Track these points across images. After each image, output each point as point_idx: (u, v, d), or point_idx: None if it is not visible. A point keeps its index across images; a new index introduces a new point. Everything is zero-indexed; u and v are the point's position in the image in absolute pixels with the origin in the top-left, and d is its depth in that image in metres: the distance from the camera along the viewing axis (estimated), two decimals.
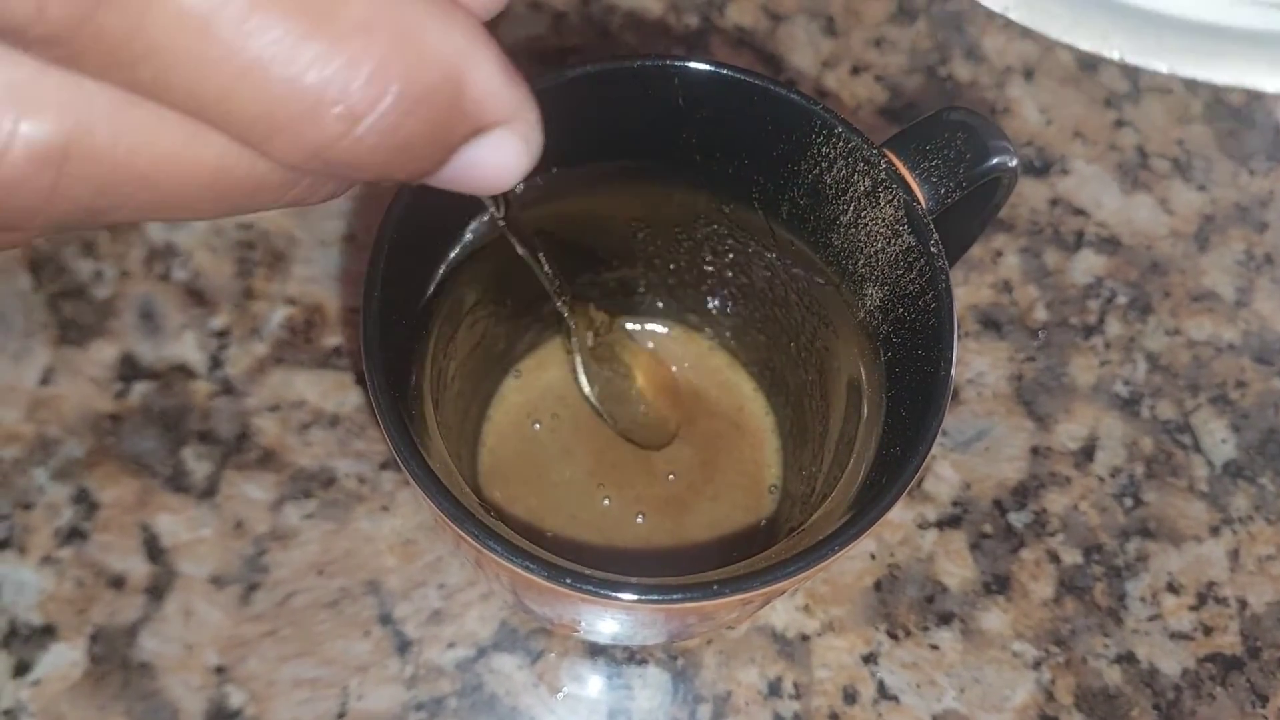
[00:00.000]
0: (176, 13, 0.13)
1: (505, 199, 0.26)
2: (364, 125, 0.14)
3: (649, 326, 0.39)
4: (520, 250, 0.29)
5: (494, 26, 0.47)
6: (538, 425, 0.38)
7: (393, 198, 0.27)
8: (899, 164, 0.29)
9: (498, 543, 0.23)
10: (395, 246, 0.27)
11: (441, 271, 0.31)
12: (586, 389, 0.36)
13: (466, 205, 0.30)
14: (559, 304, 0.32)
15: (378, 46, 0.14)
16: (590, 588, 0.23)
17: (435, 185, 0.17)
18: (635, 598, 0.23)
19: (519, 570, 0.23)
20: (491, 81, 0.16)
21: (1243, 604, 0.40)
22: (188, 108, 0.14)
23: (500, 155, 0.17)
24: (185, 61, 0.13)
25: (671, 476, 0.38)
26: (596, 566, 0.24)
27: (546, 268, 0.30)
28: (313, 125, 0.14)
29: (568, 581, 0.23)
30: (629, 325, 0.39)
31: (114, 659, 0.36)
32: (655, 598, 0.23)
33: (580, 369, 0.36)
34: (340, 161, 0.15)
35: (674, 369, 0.39)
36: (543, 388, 0.38)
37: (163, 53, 0.13)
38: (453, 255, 0.31)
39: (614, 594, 0.23)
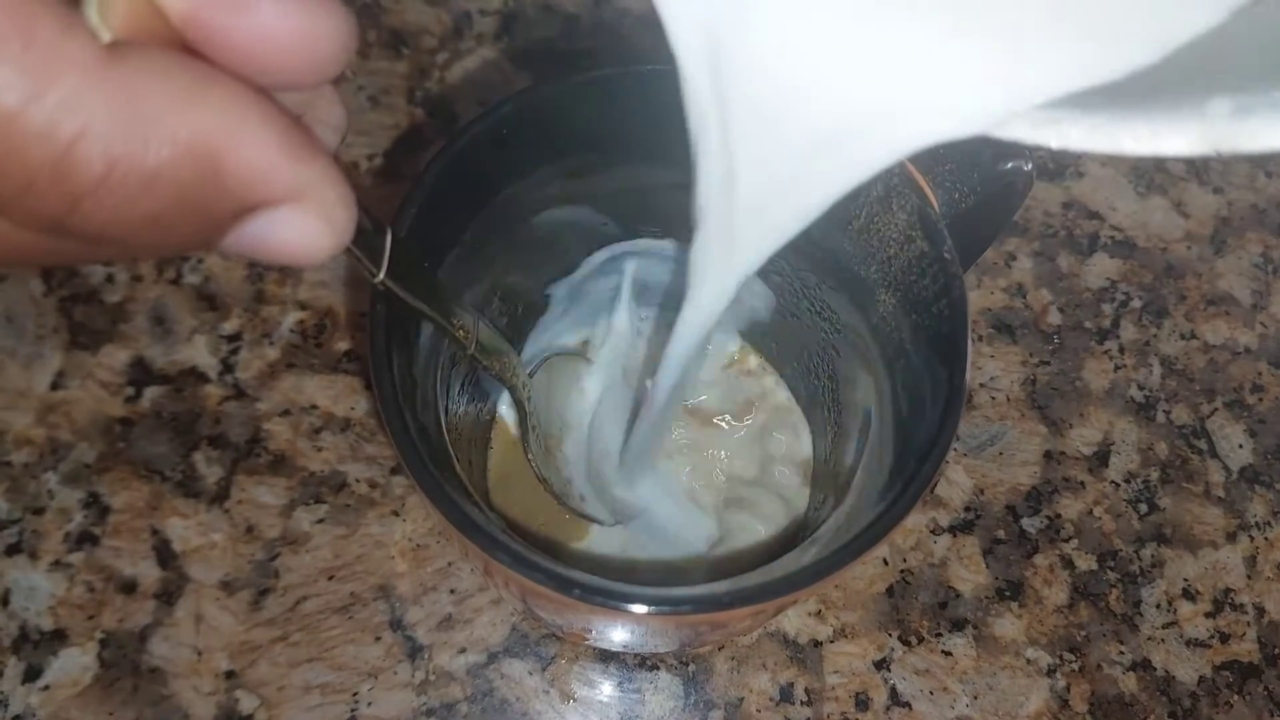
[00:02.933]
0: None
1: (379, 261, 0.24)
2: (91, 200, 0.14)
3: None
4: (428, 312, 0.27)
5: (507, 29, 0.47)
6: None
7: (400, 204, 0.27)
8: (912, 169, 0.29)
9: (505, 553, 0.23)
10: (406, 245, 0.27)
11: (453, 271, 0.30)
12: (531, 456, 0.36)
13: (474, 211, 0.30)
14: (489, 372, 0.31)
15: (101, 117, 0.13)
16: (600, 599, 0.23)
17: (229, 256, 0.17)
18: (645, 609, 0.23)
19: (527, 581, 0.23)
20: (261, 158, 0.15)
21: (1260, 611, 0.40)
22: None
23: (291, 233, 0.16)
24: None
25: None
26: (613, 575, 0.24)
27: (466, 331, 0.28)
28: (40, 195, 0.13)
29: (576, 592, 0.23)
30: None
31: (124, 664, 0.36)
32: (665, 609, 0.23)
33: (530, 437, 0.35)
34: (82, 234, 0.14)
35: None
36: None
37: None
38: (461, 260, 0.30)
39: (623, 605, 0.23)
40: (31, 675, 0.36)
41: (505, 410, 0.38)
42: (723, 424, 0.38)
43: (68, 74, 0.13)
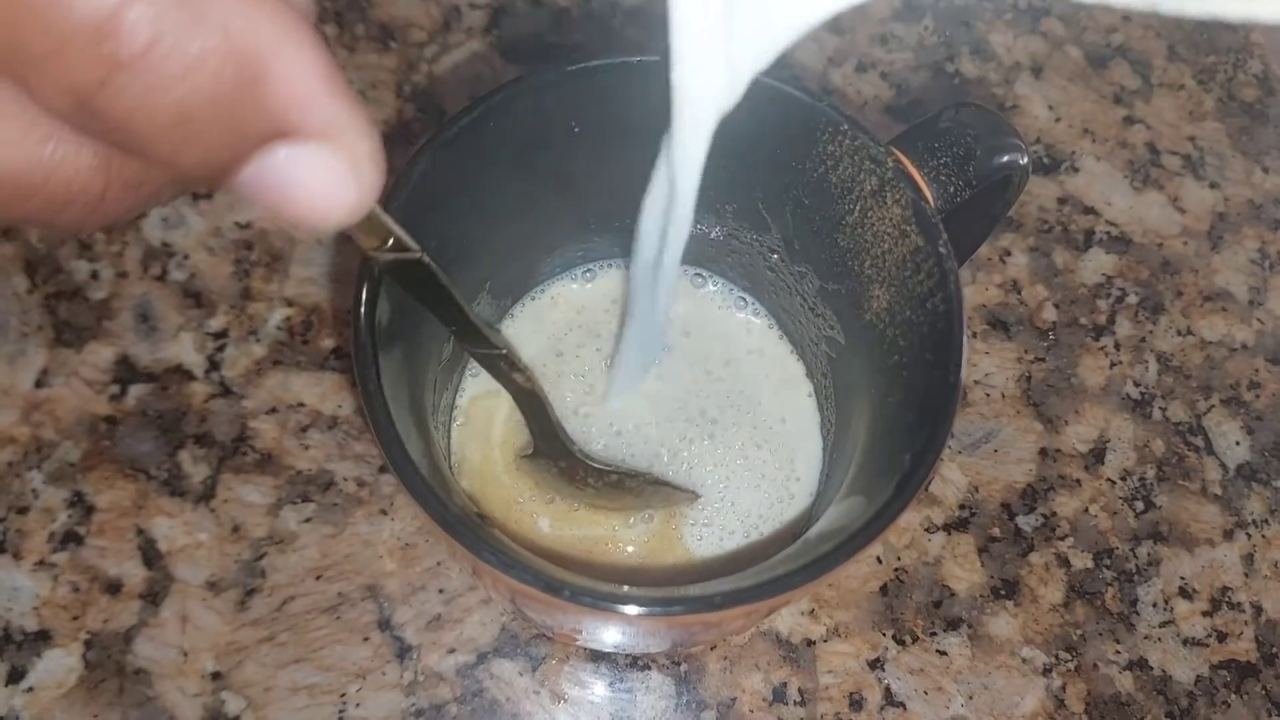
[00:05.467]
0: None
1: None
2: (127, 72, 0.13)
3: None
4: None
5: (496, 23, 0.46)
6: None
7: (385, 197, 0.27)
8: (907, 162, 0.28)
9: (492, 553, 0.23)
10: (376, 254, 0.26)
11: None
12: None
13: (461, 203, 0.30)
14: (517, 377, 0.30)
15: None
16: (589, 600, 0.22)
17: (247, 196, 0.15)
18: (636, 610, 0.23)
19: (515, 582, 0.23)
20: (304, 80, 0.14)
21: (1258, 609, 0.40)
22: None
23: (316, 175, 0.15)
24: None
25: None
26: (605, 574, 0.23)
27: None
28: (73, 58, 0.13)
29: (566, 594, 0.22)
30: None
31: (109, 665, 0.36)
32: (657, 610, 0.23)
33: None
34: (107, 117, 0.13)
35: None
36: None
37: None
38: (447, 252, 0.30)
39: (614, 607, 0.23)
40: (15, 677, 0.36)
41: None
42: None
43: None
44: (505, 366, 0.31)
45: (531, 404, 0.33)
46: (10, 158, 0.14)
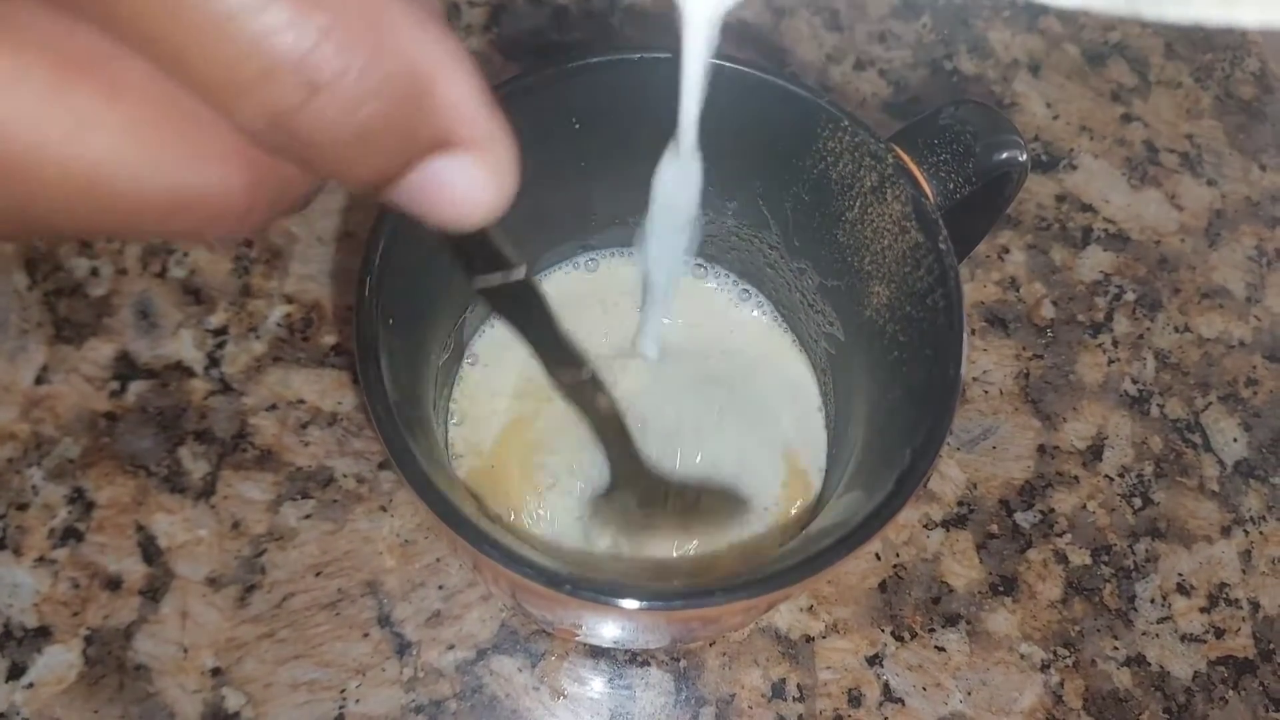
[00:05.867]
0: None
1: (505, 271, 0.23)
2: (326, 95, 0.14)
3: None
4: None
5: (496, 20, 0.47)
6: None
7: None
8: (906, 159, 0.28)
9: (494, 547, 0.23)
10: (391, 242, 0.26)
11: (440, 268, 0.30)
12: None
13: None
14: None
15: (347, 21, 0.14)
16: (590, 594, 0.22)
17: (397, 202, 0.17)
18: (636, 604, 0.23)
19: (516, 576, 0.23)
20: (463, 97, 0.16)
21: (1255, 606, 0.40)
22: (152, 52, 0.14)
23: (467, 181, 0.17)
24: (158, 4, 0.13)
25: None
26: (603, 570, 0.23)
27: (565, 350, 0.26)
28: (275, 86, 0.14)
29: (567, 588, 0.23)
30: None
31: (109, 661, 0.36)
32: (657, 604, 0.23)
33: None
34: (297, 135, 0.15)
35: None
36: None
37: None
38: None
39: (614, 600, 0.23)
40: (15, 673, 0.36)
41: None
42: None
43: None
44: (591, 391, 0.28)
45: (613, 429, 0.30)
46: (178, 176, 0.15)
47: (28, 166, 0.14)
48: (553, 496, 0.35)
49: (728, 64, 0.29)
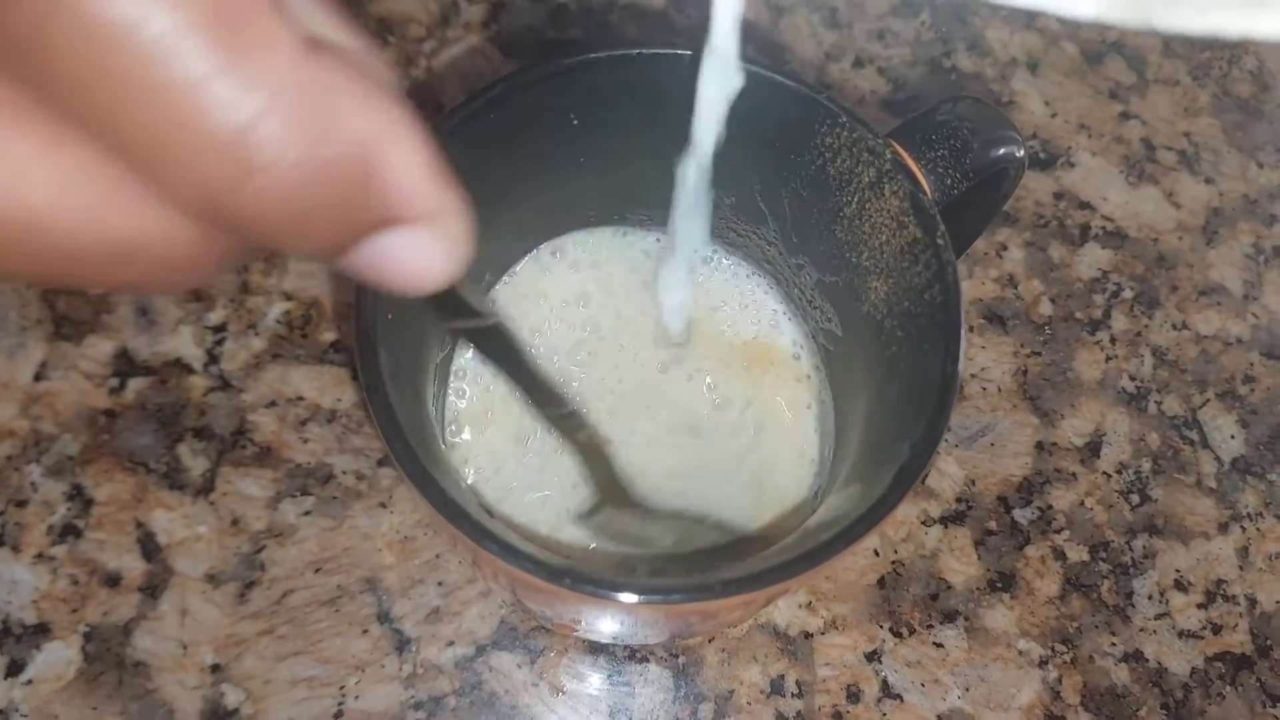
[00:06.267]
0: (91, 19, 0.12)
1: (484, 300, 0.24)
2: (262, 179, 0.14)
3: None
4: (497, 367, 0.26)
5: (494, 17, 0.47)
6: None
7: None
8: (904, 154, 0.28)
9: (494, 542, 0.23)
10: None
11: None
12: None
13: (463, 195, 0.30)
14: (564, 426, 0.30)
15: (290, 102, 0.14)
16: (590, 588, 0.23)
17: (347, 272, 0.17)
18: (636, 599, 0.23)
19: (516, 570, 0.23)
20: (409, 174, 0.15)
21: (1252, 602, 0.40)
22: (85, 118, 0.13)
23: (418, 253, 0.16)
24: (92, 70, 0.13)
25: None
26: (603, 565, 0.24)
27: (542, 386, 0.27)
28: (208, 168, 0.14)
29: (567, 582, 0.23)
30: None
31: (108, 658, 0.36)
32: (656, 599, 0.23)
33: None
34: (235, 216, 0.14)
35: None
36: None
37: (71, 56, 0.13)
38: None
39: (613, 594, 0.23)
40: (14, 670, 0.36)
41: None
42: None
43: (273, 52, 0.13)
44: (573, 424, 0.30)
45: (595, 458, 0.32)
46: (119, 227, 0.15)
47: None
48: (548, 491, 0.35)
49: None
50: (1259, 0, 0.14)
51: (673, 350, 0.37)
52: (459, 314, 0.22)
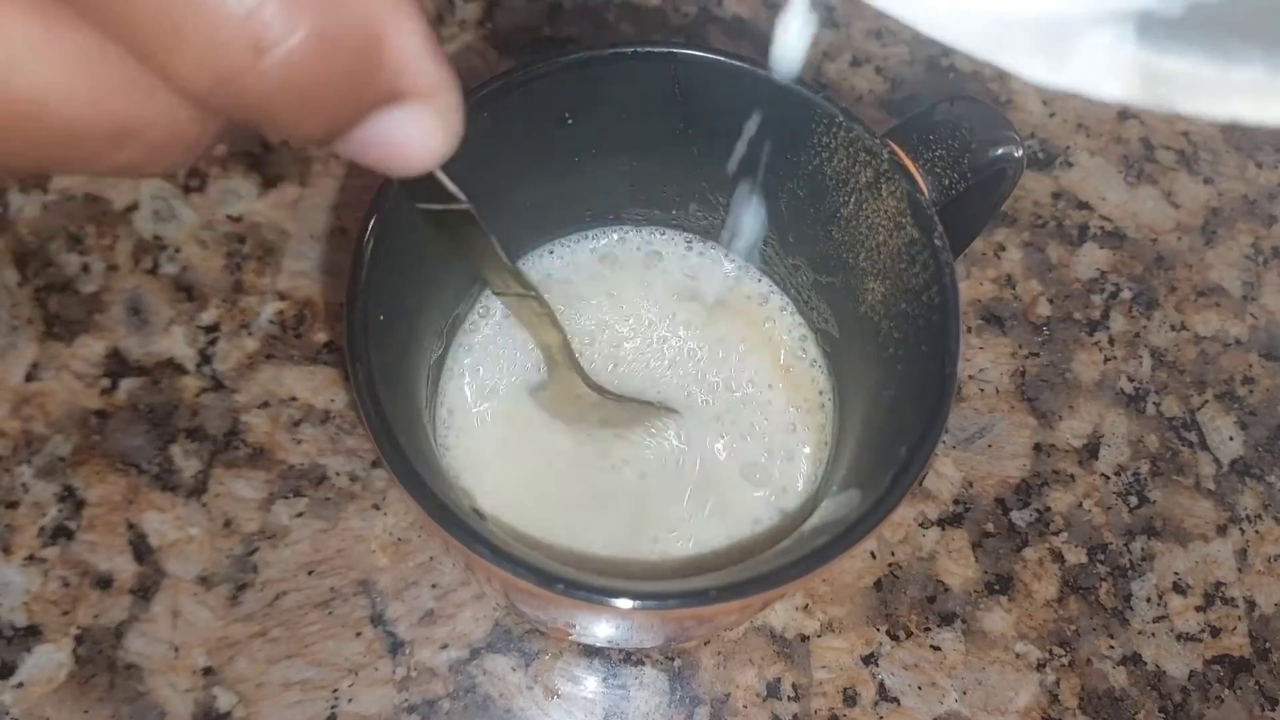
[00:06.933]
0: None
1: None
2: (272, 57, 0.14)
3: None
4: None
5: (489, 15, 0.46)
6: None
7: (378, 189, 0.27)
8: (902, 154, 0.28)
9: (486, 547, 0.22)
10: (382, 239, 0.26)
11: (431, 264, 0.30)
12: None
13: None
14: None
15: None
16: (584, 594, 0.22)
17: (343, 154, 0.17)
18: (630, 604, 0.22)
19: (509, 575, 0.22)
20: (413, 50, 0.15)
21: (1251, 604, 0.40)
22: (91, 9, 0.13)
23: (414, 131, 0.17)
24: None
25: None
26: (596, 570, 0.23)
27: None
28: (220, 47, 0.14)
29: (560, 587, 0.22)
30: None
31: (100, 660, 0.36)
32: (651, 604, 0.23)
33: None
34: (244, 96, 0.14)
35: None
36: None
37: None
38: (443, 245, 0.30)
39: (608, 600, 0.22)
40: (5, 672, 0.35)
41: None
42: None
43: None
44: (533, 307, 0.31)
45: (551, 339, 0.32)
46: (121, 110, 0.15)
47: None
48: (543, 494, 0.35)
49: (721, 58, 0.29)
50: (1276, 89, 0.14)
51: (671, 354, 0.37)
52: (434, 197, 0.22)
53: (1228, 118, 0.14)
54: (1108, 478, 0.41)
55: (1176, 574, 0.40)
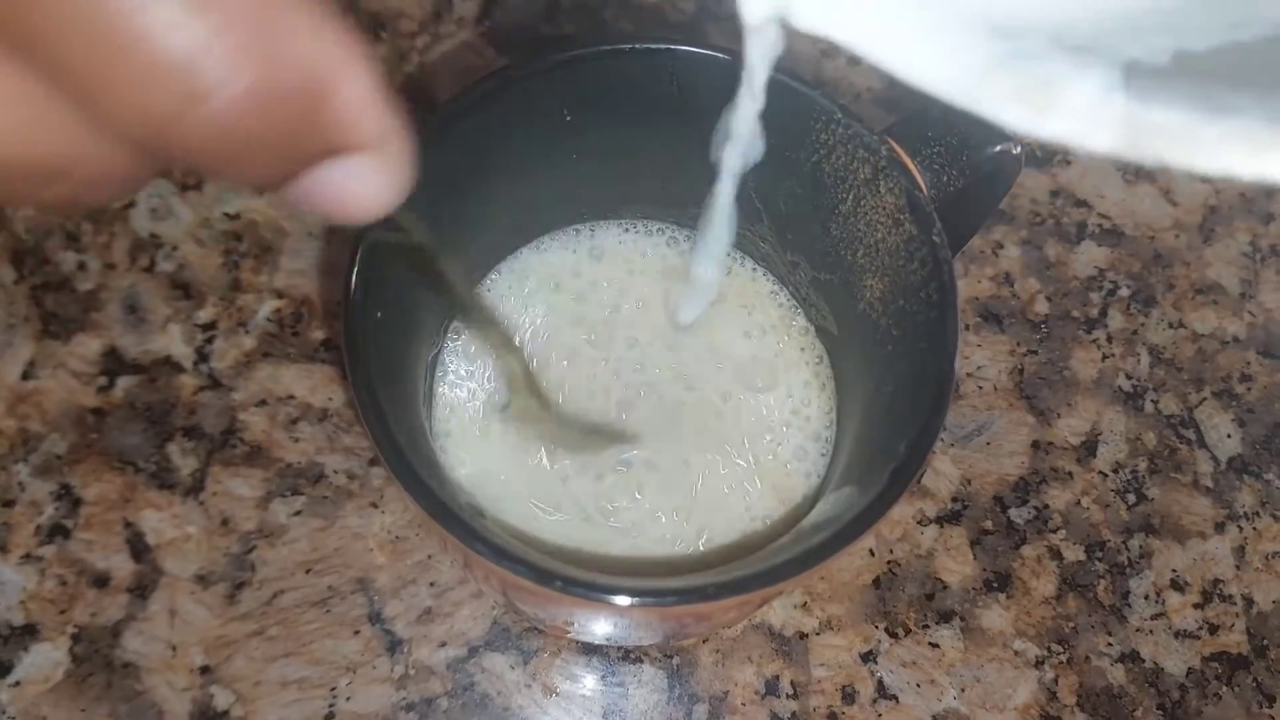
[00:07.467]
0: None
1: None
2: (209, 107, 0.13)
3: None
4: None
5: (487, 13, 0.46)
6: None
7: None
8: (900, 151, 0.28)
9: (484, 545, 0.22)
10: (378, 237, 0.26)
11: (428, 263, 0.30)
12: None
13: (452, 192, 0.29)
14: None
15: (242, 30, 0.13)
16: (582, 591, 0.22)
17: (288, 200, 0.16)
18: (628, 601, 0.22)
19: (507, 573, 0.22)
20: (359, 102, 0.15)
21: (1249, 602, 0.40)
22: (22, 44, 0.13)
23: (360, 182, 0.16)
24: None
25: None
26: (593, 567, 0.23)
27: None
28: (155, 95, 0.13)
29: (558, 584, 0.22)
30: None
31: (97, 659, 0.36)
32: (649, 601, 0.23)
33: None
34: (180, 143, 0.14)
35: None
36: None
37: None
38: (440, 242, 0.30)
39: (606, 597, 0.22)
40: (2, 671, 0.35)
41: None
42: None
43: None
44: (498, 342, 0.31)
45: (510, 360, 0.33)
46: (53, 148, 0.14)
47: None
48: (541, 490, 0.35)
49: (720, 54, 0.29)
50: (1269, 141, 0.13)
51: (672, 351, 0.37)
52: (395, 230, 0.22)
53: (1220, 171, 0.14)
54: (1106, 475, 0.41)
55: (1174, 571, 0.40)
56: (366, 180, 0.16)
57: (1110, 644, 0.38)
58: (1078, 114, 0.14)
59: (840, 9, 0.15)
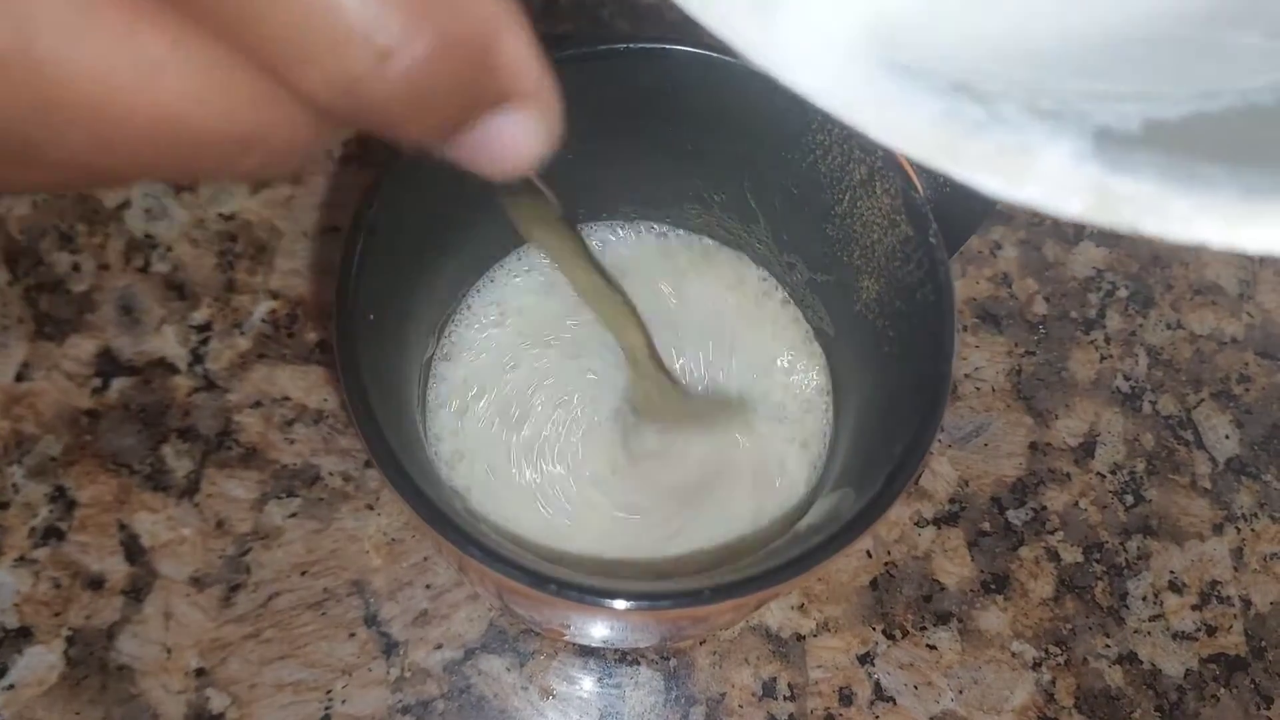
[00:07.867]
0: None
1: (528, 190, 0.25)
2: (396, 64, 0.14)
3: None
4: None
5: None
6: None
7: (367, 188, 0.26)
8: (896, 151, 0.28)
9: (478, 548, 0.22)
10: (372, 238, 0.26)
11: (422, 262, 0.30)
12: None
13: (445, 193, 0.29)
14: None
15: None
16: (577, 595, 0.22)
17: (451, 156, 0.17)
18: (624, 605, 0.22)
19: (501, 577, 0.22)
20: (521, 53, 0.16)
21: (1247, 603, 0.40)
22: (214, 21, 0.14)
23: (520, 132, 0.17)
24: None
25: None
26: (591, 570, 0.23)
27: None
28: (345, 57, 0.14)
29: (552, 588, 0.22)
30: None
31: (92, 662, 0.35)
32: (644, 605, 0.23)
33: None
34: (367, 104, 0.15)
35: None
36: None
37: None
38: (433, 245, 0.30)
39: (602, 601, 0.22)
40: None
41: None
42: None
43: None
44: (622, 309, 0.30)
45: (641, 345, 0.32)
46: (245, 121, 0.15)
47: (97, 110, 0.14)
48: (535, 493, 0.35)
49: (715, 54, 0.28)
50: (1242, 214, 0.13)
51: (664, 353, 0.37)
52: (526, 194, 0.23)
53: (1195, 241, 0.14)
54: (1104, 476, 0.41)
55: (1172, 573, 0.40)
56: (529, 129, 0.17)
57: (1108, 645, 0.38)
58: (1049, 181, 0.14)
59: (804, 68, 0.15)
